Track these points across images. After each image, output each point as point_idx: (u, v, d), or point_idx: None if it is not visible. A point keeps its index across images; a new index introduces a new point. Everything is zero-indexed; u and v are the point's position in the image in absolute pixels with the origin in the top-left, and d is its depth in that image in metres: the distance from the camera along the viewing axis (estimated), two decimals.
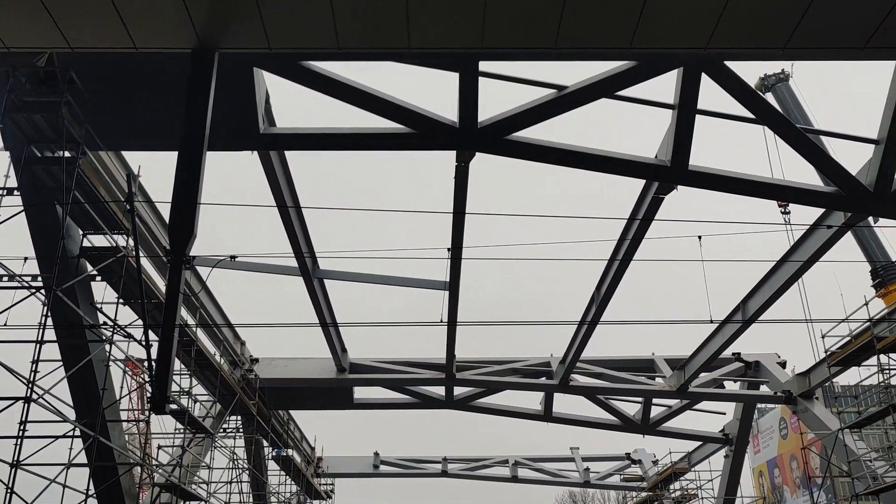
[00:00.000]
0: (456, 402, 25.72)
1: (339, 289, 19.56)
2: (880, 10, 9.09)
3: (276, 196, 14.45)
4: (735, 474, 29.88)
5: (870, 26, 9.35)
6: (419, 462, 35.50)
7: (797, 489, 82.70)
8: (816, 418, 23.13)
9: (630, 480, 36.60)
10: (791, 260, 17.01)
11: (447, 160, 13.02)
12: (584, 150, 12.94)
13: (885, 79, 12.31)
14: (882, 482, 19.84)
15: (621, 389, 24.99)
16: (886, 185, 13.28)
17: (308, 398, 25.96)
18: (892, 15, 9.07)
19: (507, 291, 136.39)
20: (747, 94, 12.01)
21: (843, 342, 20.60)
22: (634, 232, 15.37)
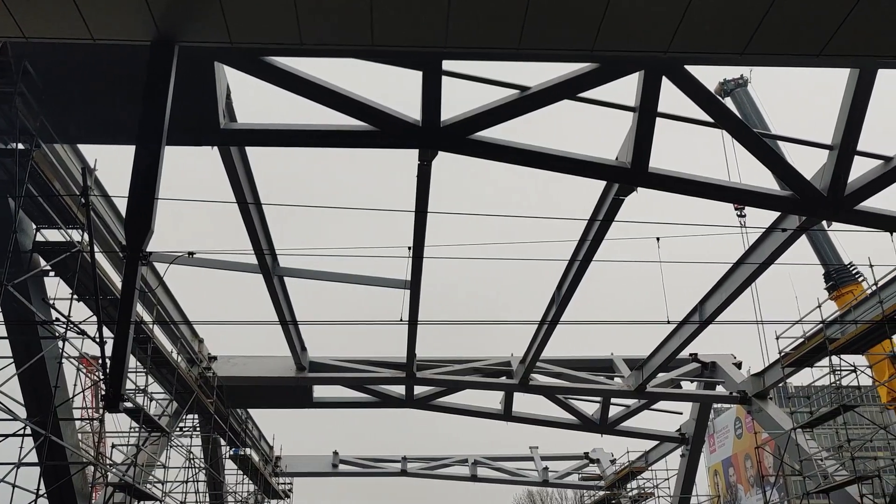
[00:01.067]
0: (416, 402, 25.71)
1: (299, 287, 19.42)
2: (835, 20, 9.31)
3: (236, 192, 14.29)
4: (691, 473, 30.30)
5: (825, 34, 9.56)
6: (378, 461, 35.39)
7: (751, 488, 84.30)
8: (770, 418, 23.55)
9: (588, 479, 36.90)
10: (747, 262, 17.30)
11: (411, 158, 13.02)
12: (546, 151, 13.01)
13: (842, 86, 12.58)
14: (832, 481, 20.28)
15: (580, 389, 25.20)
16: (839, 190, 13.58)
17: (267, 397, 25.73)
18: (845, 24, 9.28)
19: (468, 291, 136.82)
20: (707, 99, 12.19)
21: (797, 344, 21.01)
22: (595, 233, 15.51)
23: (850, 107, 12.48)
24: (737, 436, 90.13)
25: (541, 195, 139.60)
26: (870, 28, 9.47)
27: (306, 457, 35.20)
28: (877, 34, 9.63)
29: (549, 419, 27.80)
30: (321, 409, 27.34)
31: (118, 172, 11.74)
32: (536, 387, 24.53)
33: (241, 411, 28.24)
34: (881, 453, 34.40)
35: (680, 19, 9.24)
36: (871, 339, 18.82)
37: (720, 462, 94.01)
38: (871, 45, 9.83)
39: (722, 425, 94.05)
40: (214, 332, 65.41)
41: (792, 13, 9.19)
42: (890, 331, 18.01)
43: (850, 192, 13.73)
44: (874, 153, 13.76)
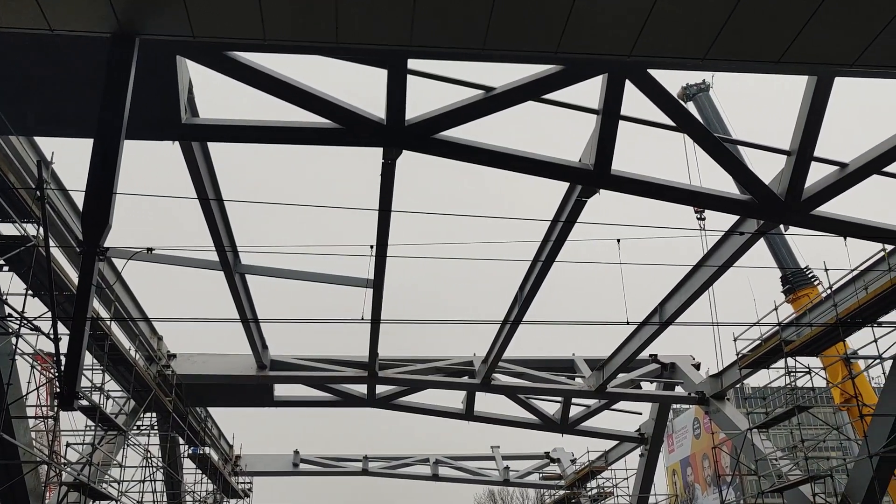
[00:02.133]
0: (378, 401, 25.65)
1: (260, 284, 19.25)
2: (793, 29, 9.48)
3: (198, 188, 14.11)
4: (649, 473, 30.65)
5: (783, 42, 9.73)
6: (340, 460, 35.25)
7: (708, 487, 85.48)
8: (727, 418, 23.90)
9: (549, 479, 37.14)
10: (706, 265, 17.54)
11: (375, 156, 12.98)
12: (510, 152, 13.06)
13: (800, 93, 12.82)
14: (786, 480, 20.66)
15: (542, 389, 25.35)
16: (797, 194, 13.83)
17: (227, 395, 25.46)
18: (803, 33, 9.46)
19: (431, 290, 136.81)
20: (669, 103, 12.33)
21: (754, 346, 21.35)
22: (557, 234, 15.61)
23: (807, 113, 12.72)
24: (695, 436, 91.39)
25: (505, 195, 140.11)
26: (826, 37, 9.66)
27: (267, 456, 34.92)
28: (833, 43, 9.82)
29: (511, 419, 27.92)
30: (282, 408, 27.14)
31: (76, 166, 11.54)
32: (498, 386, 24.62)
33: (201, 410, 27.92)
34: (834, 453, 35.19)
35: (643, 23, 9.33)
36: (826, 341, 19.19)
37: (678, 462, 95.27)
38: (827, 53, 10.03)
39: (681, 425, 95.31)
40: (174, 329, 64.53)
41: (752, 21, 9.34)
42: (844, 333, 18.39)
43: (807, 196, 13.99)
44: (831, 159, 14.04)
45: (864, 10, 9.25)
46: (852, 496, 18.43)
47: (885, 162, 13.80)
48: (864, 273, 17.70)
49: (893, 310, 17.30)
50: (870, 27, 9.46)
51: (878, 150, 13.71)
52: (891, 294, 16.41)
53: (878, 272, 17.04)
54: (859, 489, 18.19)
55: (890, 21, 9.25)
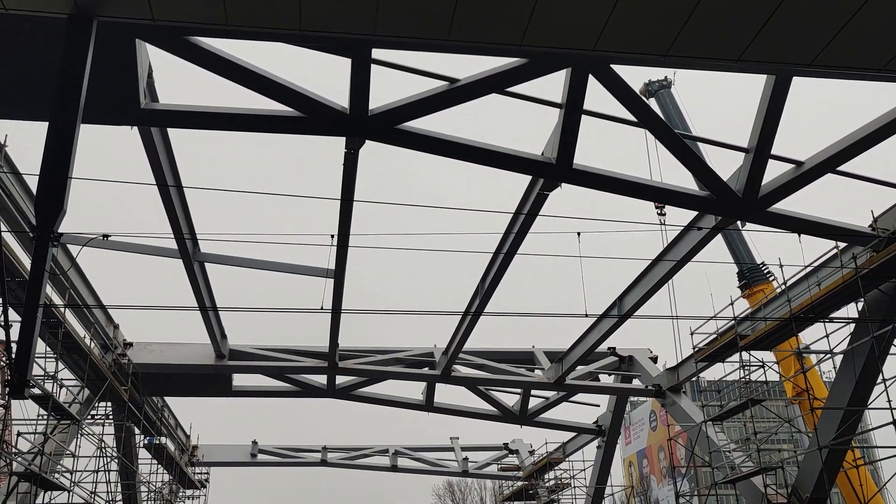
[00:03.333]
0: (338, 391, 25.57)
1: (219, 273, 19.04)
2: (753, 28, 9.63)
3: (157, 174, 13.90)
4: (606, 464, 31.03)
5: (743, 41, 9.88)
6: (298, 451, 35.09)
7: (663, 479, 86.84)
8: (683, 411, 24.27)
9: (507, 470, 37.40)
10: (665, 259, 17.78)
11: (338, 145, 12.91)
12: (473, 144, 13.08)
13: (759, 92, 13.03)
14: (739, 472, 21.06)
15: (501, 381, 25.49)
16: (754, 191, 14.07)
17: (184, 385, 25.17)
18: (762, 33, 9.60)
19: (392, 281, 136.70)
20: (631, 98, 12.45)
21: (710, 339, 21.68)
22: (519, 226, 15.69)
23: (765, 112, 12.94)
24: (651, 428, 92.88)
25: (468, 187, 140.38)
26: (785, 37, 9.82)
27: (224, 446, 34.64)
28: (791, 43, 9.99)
29: (470, 410, 28.04)
30: (241, 398, 26.92)
31: (30, 149, 11.29)
32: (458, 378, 24.70)
33: (157, 399, 27.58)
34: (785, 446, 35.94)
35: (606, 19, 9.40)
36: (780, 335, 19.56)
37: (635, 454, 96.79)
38: (786, 53, 10.20)
39: (637, 418, 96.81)
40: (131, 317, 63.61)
41: (712, 20, 9.46)
42: (797, 328, 18.77)
43: (764, 193, 14.25)
44: (787, 157, 14.31)
45: (822, 12, 9.42)
46: (802, 487, 18.87)
47: (839, 161, 14.10)
48: (818, 270, 18.07)
49: (845, 306, 17.71)
50: (827, 28, 9.64)
51: (833, 150, 14.01)
52: (843, 290, 16.77)
53: (830, 269, 17.41)
54: (809, 480, 18.63)
55: (847, 22, 9.43)
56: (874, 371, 16.73)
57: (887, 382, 16.12)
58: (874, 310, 16.61)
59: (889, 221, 16.00)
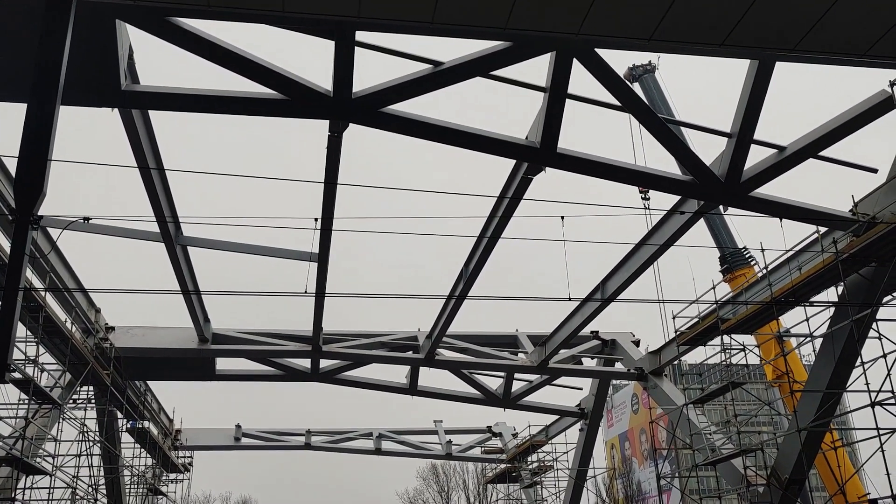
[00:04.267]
0: (322, 375, 25.57)
1: (202, 257, 18.95)
2: (737, 13, 9.64)
3: (138, 156, 13.76)
4: (589, 447, 31.28)
5: (727, 26, 9.89)
6: (282, 434, 35.11)
7: (645, 461, 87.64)
8: (664, 394, 24.48)
9: (490, 453, 37.63)
10: (648, 243, 17.86)
11: (322, 128, 12.83)
12: (457, 128, 13.04)
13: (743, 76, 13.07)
14: (719, 454, 21.30)
15: (485, 364, 25.57)
16: (736, 176, 14.15)
17: (167, 369, 25.06)
18: (746, 17, 9.62)
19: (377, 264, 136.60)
20: (615, 83, 12.45)
21: (692, 323, 21.86)
22: (503, 210, 15.69)
23: (748, 97, 12.99)
24: (633, 411, 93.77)
25: (453, 171, 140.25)
26: (769, 22, 9.84)
27: (208, 430, 34.60)
28: (774, 28, 10.02)
29: (454, 393, 28.12)
30: (224, 382, 26.86)
31: (9, 130, 11.15)
32: (442, 361, 24.76)
33: (140, 383, 27.48)
34: (765, 428, 36.37)
35: (591, 2, 9.38)
36: (761, 319, 19.74)
37: (617, 436, 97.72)
38: (769, 38, 10.23)
39: (620, 401, 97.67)
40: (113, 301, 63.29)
41: (697, 4, 9.47)
42: (777, 312, 18.95)
43: (746, 178, 14.32)
44: (770, 142, 14.38)
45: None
46: (781, 468, 19.11)
47: (821, 146, 14.20)
48: (799, 254, 18.23)
49: (825, 290, 17.88)
50: (810, 14, 9.67)
51: (814, 135, 14.10)
52: (823, 274, 16.93)
53: (811, 253, 17.56)
54: (788, 462, 18.87)
55: (829, 8, 9.46)
56: (853, 354, 16.93)
57: (866, 365, 16.32)
58: (854, 293, 16.79)
59: (869, 206, 16.14)
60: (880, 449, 15.60)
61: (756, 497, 19.81)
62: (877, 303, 16.37)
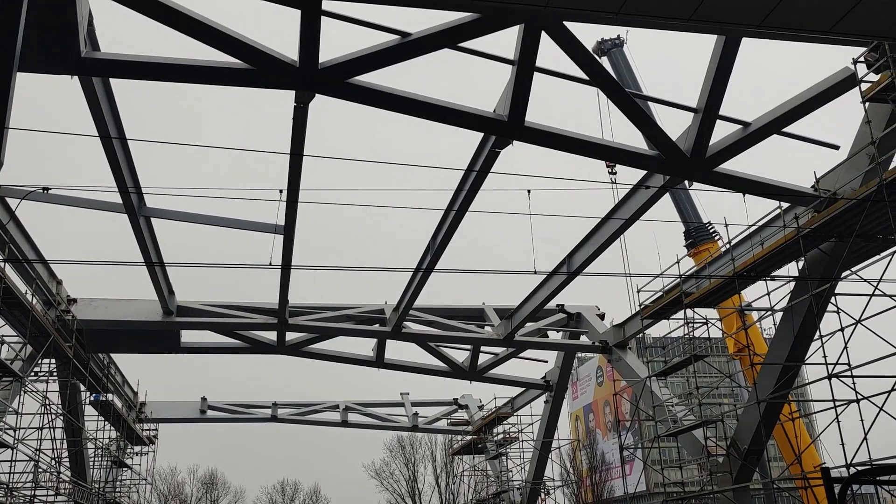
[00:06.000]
0: (288, 348, 25.51)
1: (167, 228, 18.72)
2: None
3: (99, 126, 13.49)
4: (553, 419, 31.67)
5: (695, 0, 9.89)
6: (248, 407, 35.07)
7: (608, 432, 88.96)
8: (628, 366, 24.81)
9: (456, 425, 37.96)
10: (614, 217, 17.99)
11: (288, 98, 12.67)
12: (425, 100, 12.98)
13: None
14: (681, 425, 21.69)
15: (452, 337, 25.70)
16: (702, 151, 14.27)
17: (131, 341, 24.82)
18: None
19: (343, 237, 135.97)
20: (584, 56, 12.44)
21: (656, 297, 22.12)
22: (470, 183, 15.68)
23: (714, 72, 13.07)
24: (598, 384, 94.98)
25: (420, 143, 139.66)
26: None
27: (173, 402, 34.45)
28: (742, 4, 10.05)
29: (421, 366, 28.26)
30: (189, 355, 26.70)
31: None
32: (409, 334, 24.83)
33: (104, 356, 27.19)
34: (726, 400, 37.03)
35: None
36: (723, 293, 20.05)
37: (581, 408, 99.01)
38: (735, 13, 10.25)
39: (585, 373, 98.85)
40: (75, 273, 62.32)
41: None
42: (740, 286, 19.24)
43: (711, 153, 14.46)
44: (735, 118, 14.51)
45: None
46: (740, 439, 19.54)
47: (784, 122, 14.37)
48: (761, 229, 18.49)
49: (786, 264, 18.18)
50: None
51: (778, 111, 14.26)
52: (784, 249, 17.21)
53: (773, 228, 17.82)
54: (747, 433, 19.29)
55: None
56: (812, 328, 17.28)
57: (824, 339, 16.67)
58: (814, 268, 17.10)
59: (830, 182, 16.40)
60: (836, 420, 15.99)
61: (716, 467, 20.25)
62: (836, 277, 16.70)
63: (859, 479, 12.01)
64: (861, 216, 15.10)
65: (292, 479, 79.67)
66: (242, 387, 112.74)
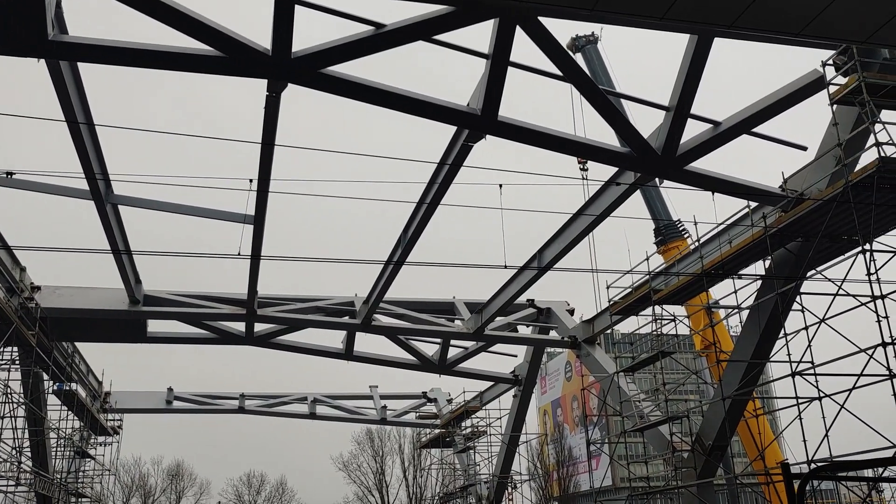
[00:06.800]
0: (257, 339, 25.32)
1: (135, 216, 18.48)
2: None
3: (66, 110, 13.26)
4: (522, 413, 31.83)
5: None
6: (215, 398, 34.79)
7: (576, 427, 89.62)
8: (597, 362, 24.99)
9: (425, 418, 37.98)
10: (585, 214, 18.08)
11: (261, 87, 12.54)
12: (398, 92, 12.91)
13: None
14: (647, 420, 21.90)
15: (422, 330, 25.67)
16: (673, 149, 14.38)
17: (96, 330, 24.44)
18: None
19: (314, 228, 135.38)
20: (557, 52, 12.45)
21: (625, 293, 22.28)
22: (443, 177, 15.66)
23: (687, 71, 13.16)
24: (566, 378, 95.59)
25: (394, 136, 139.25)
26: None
27: (138, 393, 34.07)
28: (714, 4, 10.13)
29: (390, 359, 28.21)
30: (156, 345, 26.38)
31: None
32: (379, 327, 24.77)
33: (68, 344, 26.80)
34: (692, 396, 37.49)
35: None
36: (691, 290, 20.25)
37: (550, 403, 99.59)
38: (708, 13, 10.33)
39: (553, 368, 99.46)
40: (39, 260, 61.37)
41: None
42: (707, 284, 19.44)
43: (682, 152, 14.57)
44: (706, 117, 14.63)
45: None
46: (705, 435, 19.77)
47: (754, 122, 14.52)
48: (730, 228, 18.69)
49: (753, 263, 18.40)
50: None
51: (748, 111, 14.40)
52: (752, 248, 17.41)
53: (742, 227, 18.02)
54: (712, 429, 19.53)
55: None
56: (777, 326, 17.51)
57: (788, 337, 16.91)
58: (780, 267, 17.33)
59: (798, 183, 16.62)
60: (799, 417, 16.24)
61: (681, 462, 20.48)
62: (801, 277, 16.94)
63: (819, 475, 12.20)
64: (827, 217, 15.33)
65: (259, 472, 79.09)
66: (209, 378, 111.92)
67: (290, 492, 78.27)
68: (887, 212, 15.30)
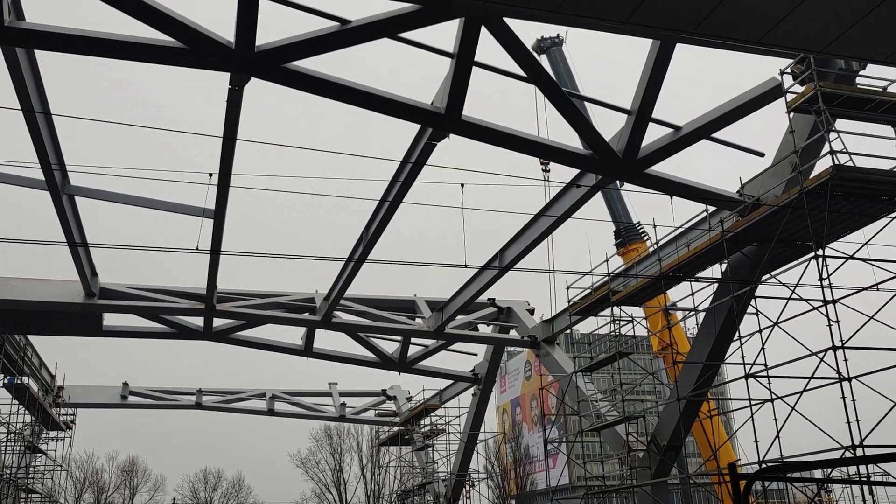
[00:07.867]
0: (215, 334, 25.05)
1: (91, 208, 18.11)
2: None
3: (22, 99, 12.98)
4: (481, 411, 31.94)
5: (632, 4, 10.05)
6: (172, 393, 34.34)
7: (534, 426, 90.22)
8: (556, 362, 25.17)
9: (384, 415, 37.91)
10: (546, 215, 18.20)
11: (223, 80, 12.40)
12: (362, 88, 12.88)
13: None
14: (604, 420, 22.13)
15: (382, 328, 25.62)
16: (633, 153, 14.54)
17: (50, 323, 23.95)
18: None
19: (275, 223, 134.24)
20: (522, 53, 12.51)
21: (584, 294, 22.47)
22: (406, 175, 15.64)
23: (649, 76, 13.32)
24: (526, 378, 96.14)
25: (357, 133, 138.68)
26: (672, 4, 10.06)
27: (93, 387, 33.48)
28: (678, 9, 10.26)
29: (350, 356, 28.12)
30: (112, 339, 25.95)
31: None
32: (339, 324, 24.67)
33: (20, 337, 26.24)
34: (648, 396, 37.96)
35: None
36: (649, 292, 20.50)
37: (509, 402, 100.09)
38: (671, 19, 10.47)
39: (513, 367, 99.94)
40: None
41: None
42: (665, 286, 19.69)
43: (643, 155, 14.75)
44: (667, 122, 14.82)
45: None
46: (660, 435, 20.04)
47: (714, 128, 14.76)
48: (688, 231, 18.96)
49: (710, 266, 18.69)
50: None
51: (708, 117, 14.63)
52: (709, 252, 17.68)
53: (700, 231, 18.29)
54: (667, 429, 19.80)
55: None
56: (732, 329, 17.81)
57: (743, 340, 17.20)
58: (736, 271, 17.62)
59: (755, 188, 16.92)
60: (751, 418, 16.53)
61: (636, 462, 20.73)
62: (756, 281, 17.25)
63: (766, 475, 12.43)
64: (782, 222, 15.62)
65: (215, 468, 78.17)
66: (166, 373, 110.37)
67: (248, 488, 77.44)
68: (840, 219, 15.64)
